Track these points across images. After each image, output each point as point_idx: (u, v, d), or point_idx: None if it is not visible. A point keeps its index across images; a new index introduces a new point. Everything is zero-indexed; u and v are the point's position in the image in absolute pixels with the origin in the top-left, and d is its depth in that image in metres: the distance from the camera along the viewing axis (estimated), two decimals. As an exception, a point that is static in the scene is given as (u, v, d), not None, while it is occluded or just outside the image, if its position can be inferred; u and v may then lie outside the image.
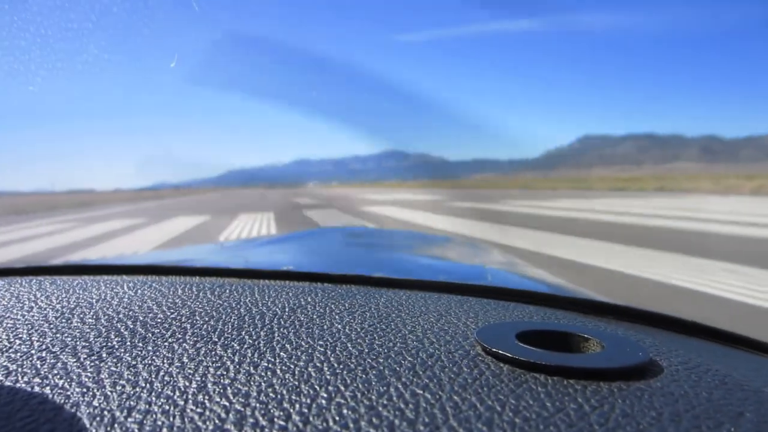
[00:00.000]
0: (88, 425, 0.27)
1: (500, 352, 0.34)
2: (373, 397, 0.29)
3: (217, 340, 0.38)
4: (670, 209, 14.24)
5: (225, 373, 0.32)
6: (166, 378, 0.32)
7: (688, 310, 3.81)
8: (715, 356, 0.40)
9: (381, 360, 0.34)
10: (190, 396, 0.29)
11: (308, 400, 0.29)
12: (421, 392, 0.29)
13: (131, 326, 0.41)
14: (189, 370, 0.33)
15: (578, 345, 0.38)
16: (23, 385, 0.31)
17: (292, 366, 0.33)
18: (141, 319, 0.43)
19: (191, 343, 0.37)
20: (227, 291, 0.52)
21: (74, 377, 0.32)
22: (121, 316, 0.44)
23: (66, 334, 0.39)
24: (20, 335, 0.40)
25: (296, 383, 0.31)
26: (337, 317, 0.44)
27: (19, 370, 0.33)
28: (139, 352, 0.36)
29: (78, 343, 0.38)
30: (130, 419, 0.27)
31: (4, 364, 0.35)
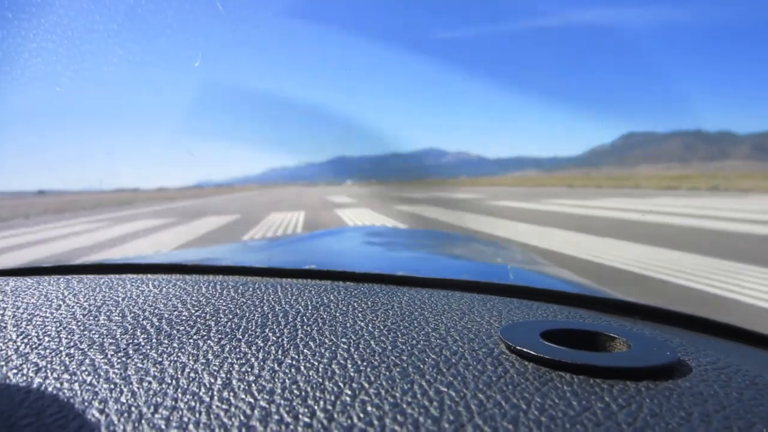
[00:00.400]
0: (115, 421, 0.27)
1: (525, 350, 0.34)
2: (398, 394, 0.29)
3: (241, 337, 0.38)
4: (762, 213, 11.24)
5: (250, 369, 0.32)
6: (192, 374, 0.32)
7: None
8: (744, 357, 0.39)
9: (404, 357, 0.34)
10: (215, 392, 0.29)
11: (332, 397, 0.29)
12: (446, 390, 0.29)
13: (157, 324, 0.42)
14: (214, 367, 0.33)
15: (604, 344, 0.38)
16: (52, 381, 0.32)
17: (316, 363, 0.33)
18: (166, 316, 0.43)
19: (216, 340, 0.38)
20: (251, 289, 0.52)
21: (102, 374, 0.33)
22: (146, 313, 0.44)
23: (93, 332, 0.40)
24: (49, 332, 0.40)
25: (320, 380, 0.31)
26: (360, 315, 0.43)
27: (49, 366, 0.34)
28: (165, 349, 0.36)
29: (105, 340, 0.38)
30: (156, 415, 0.27)
31: (34, 360, 0.35)
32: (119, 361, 0.35)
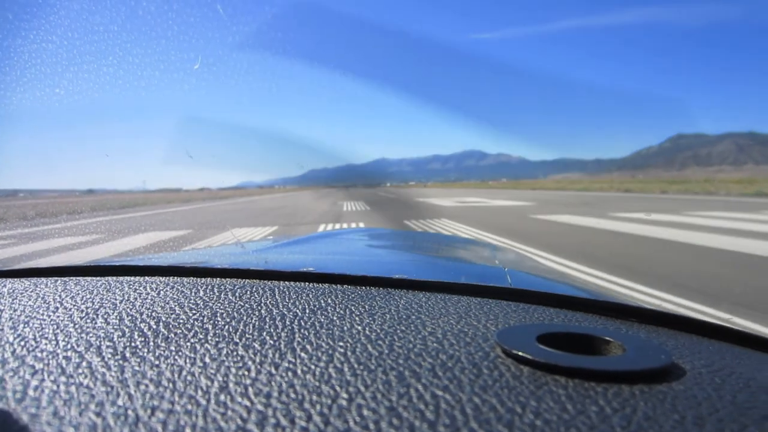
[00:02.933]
0: (112, 424, 0.27)
1: (520, 354, 0.34)
2: (394, 398, 0.29)
3: (238, 340, 0.39)
4: None
5: (246, 373, 0.33)
6: (189, 378, 0.32)
7: None
8: (738, 359, 0.39)
9: (401, 361, 0.34)
10: (212, 396, 0.30)
11: (329, 401, 0.29)
12: (442, 393, 0.29)
13: (154, 326, 0.42)
14: (211, 370, 0.33)
15: (599, 347, 0.38)
16: (49, 384, 0.32)
17: (313, 367, 0.33)
18: (163, 319, 0.44)
19: (213, 343, 0.38)
20: (248, 292, 0.52)
21: (99, 377, 0.33)
22: (144, 316, 0.45)
23: (90, 334, 0.40)
24: (46, 335, 0.40)
25: (317, 384, 0.31)
26: (357, 318, 0.44)
27: (46, 369, 0.34)
28: (162, 352, 0.36)
29: (102, 342, 0.39)
30: (153, 419, 0.27)
31: (31, 363, 0.35)
32: (116, 364, 0.35)
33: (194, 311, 0.46)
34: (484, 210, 15.36)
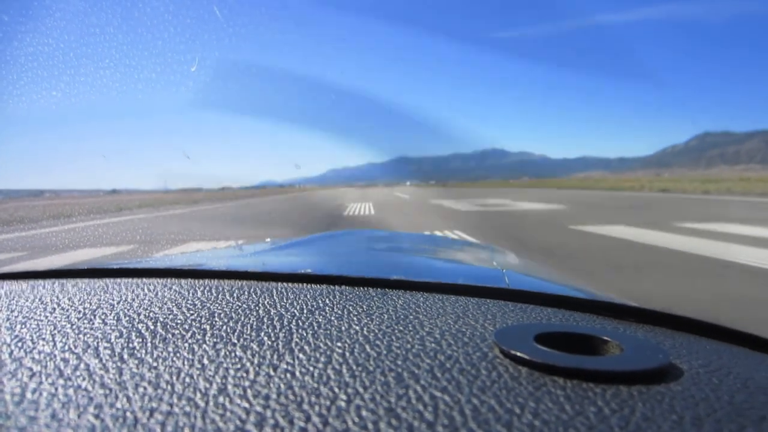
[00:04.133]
0: (111, 426, 0.27)
1: (518, 354, 0.34)
2: (393, 399, 0.29)
3: (236, 341, 0.38)
4: None
5: (245, 374, 0.33)
6: (187, 379, 0.32)
7: None
8: (736, 359, 0.39)
9: (399, 362, 0.34)
10: (211, 397, 0.30)
11: (327, 402, 0.29)
12: (440, 394, 0.29)
13: (152, 328, 0.42)
14: (209, 372, 0.33)
15: (597, 347, 0.38)
16: (47, 386, 0.32)
17: (311, 368, 0.33)
18: (161, 320, 0.44)
19: (211, 344, 0.38)
20: (246, 293, 0.52)
21: (97, 378, 0.33)
22: (141, 317, 0.45)
23: (88, 336, 0.40)
24: (44, 336, 0.40)
25: (315, 385, 0.31)
26: (355, 319, 0.44)
27: (43, 371, 0.34)
28: (160, 354, 0.36)
29: (100, 344, 0.39)
30: (152, 420, 0.27)
31: (29, 365, 0.35)
32: (114, 365, 0.35)
33: (192, 312, 0.45)
34: (508, 216, 12.50)
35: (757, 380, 0.33)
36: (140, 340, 0.39)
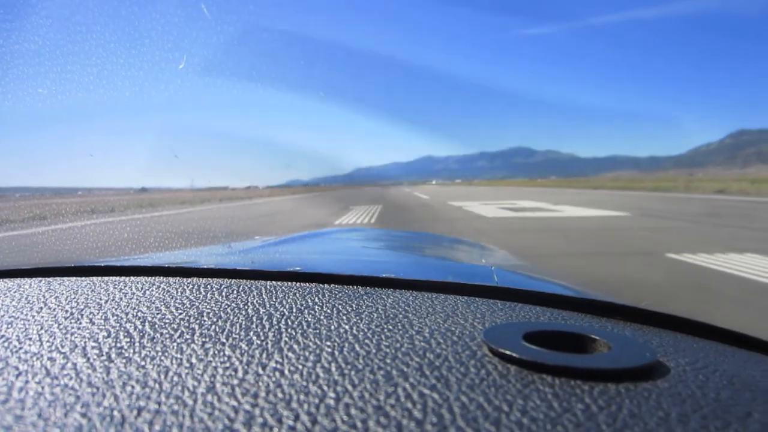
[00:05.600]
0: (98, 426, 0.27)
1: (507, 352, 0.34)
2: (381, 397, 0.29)
3: (225, 340, 0.39)
4: None
5: (233, 373, 0.33)
6: (175, 378, 0.32)
7: None
8: (723, 357, 0.40)
9: (388, 360, 0.34)
10: (199, 396, 0.29)
11: (316, 401, 0.29)
12: (429, 392, 0.29)
13: (140, 327, 0.42)
14: (198, 371, 0.33)
15: (586, 346, 0.38)
16: (33, 385, 0.32)
17: (300, 366, 0.33)
18: (149, 319, 0.44)
19: (200, 343, 0.38)
20: (235, 292, 0.52)
21: (84, 377, 0.32)
22: (129, 316, 0.45)
23: (75, 335, 0.40)
24: (30, 336, 0.40)
25: (304, 383, 0.31)
26: (344, 318, 0.44)
27: (30, 370, 0.34)
28: (148, 353, 0.36)
29: (87, 343, 0.38)
30: (139, 419, 0.27)
31: (15, 364, 0.35)
32: (102, 364, 0.34)
33: (180, 311, 0.45)
34: (558, 231, 8.38)
35: (743, 377, 0.34)
36: (128, 339, 0.39)
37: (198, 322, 0.43)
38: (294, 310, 0.46)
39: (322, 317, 0.44)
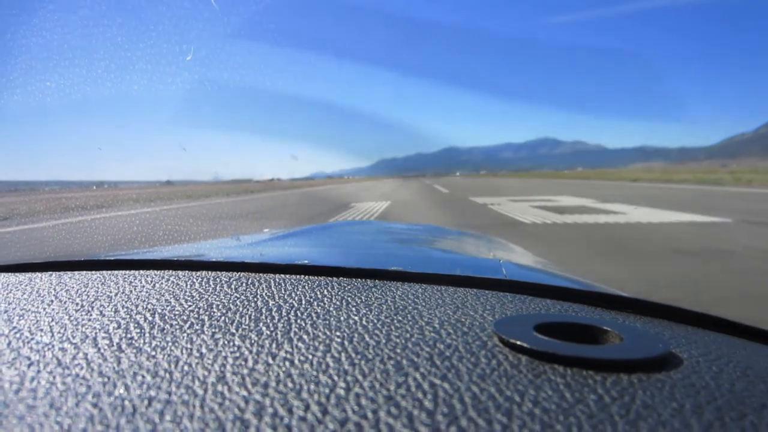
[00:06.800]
0: (109, 415, 0.27)
1: (518, 342, 0.34)
2: (392, 387, 0.29)
3: (234, 331, 0.39)
4: None
5: (243, 363, 0.33)
6: (186, 368, 0.32)
7: None
8: (735, 349, 0.39)
9: (399, 351, 0.34)
10: (209, 386, 0.30)
11: (327, 390, 0.29)
12: (440, 382, 0.29)
13: (150, 318, 0.42)
14: (208, 361, 0.33)
15: (597, 337, 0.38)
16: (45, 375, 0.32)
17: (310, 356, 0.33)
18: (159, 311, 0.44)
19: (209, 334, 0.38)
20: (243, 285, 0.53)
21: (95, 367, 0.33)
22: (139, 308, 0.45)
23: (86, 326, 0.40)
24: (42, 327, 0.41)
25: (314, 373, 0.31)
26: (353, 309, 0.44)
27: (41, 360, 0.34)
28: (158, 343, 0.36)
29: (98, 334, 0.39)
30: (150, 409, 0.27)
31: (27, 354, 0.35)
32: (112, 355, 0.34)
33: (190, 303, 0.46)
34: (639, 251, 5.33)
35: (757, 369, 0.33)
36: (138, 330, 0.39)
37: (207, 313, 0.43)
38: (303, 302, 0.46)
39: (331, 309, 0.44)
